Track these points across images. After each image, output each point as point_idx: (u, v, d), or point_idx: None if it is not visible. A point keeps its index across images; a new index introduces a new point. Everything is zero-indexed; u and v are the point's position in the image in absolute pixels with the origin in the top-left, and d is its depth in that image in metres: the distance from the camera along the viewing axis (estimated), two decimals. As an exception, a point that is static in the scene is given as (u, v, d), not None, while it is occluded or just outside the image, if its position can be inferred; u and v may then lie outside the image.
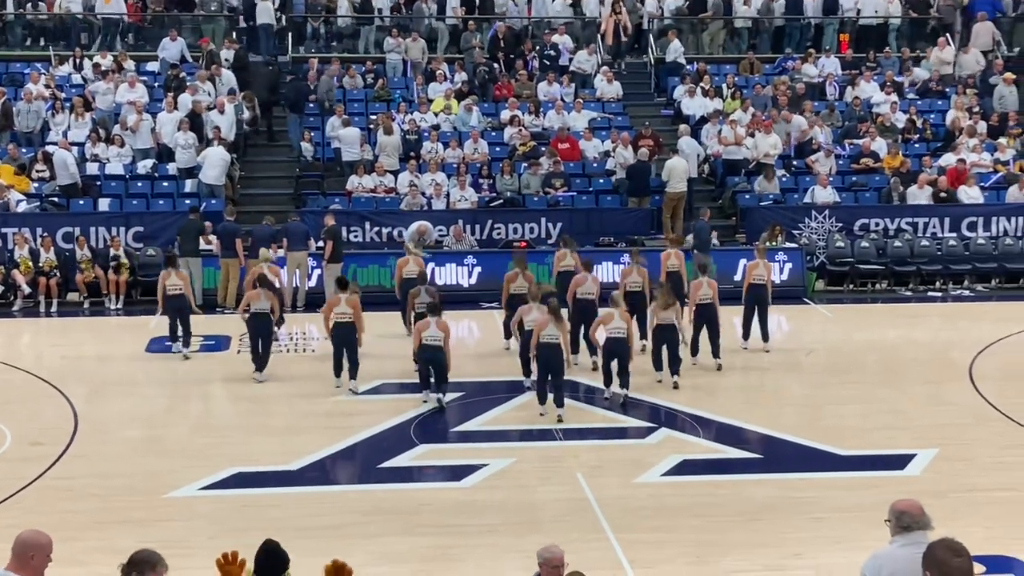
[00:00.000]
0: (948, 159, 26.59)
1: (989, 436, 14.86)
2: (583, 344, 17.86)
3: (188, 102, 26.35)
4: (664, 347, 17.00)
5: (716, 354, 17.99)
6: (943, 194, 25.60)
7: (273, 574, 6.77)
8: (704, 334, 18.12)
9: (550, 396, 15.44)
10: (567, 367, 15.62)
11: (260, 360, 17.41)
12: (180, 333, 18.79)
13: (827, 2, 31.89)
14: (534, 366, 15.80)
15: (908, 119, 28.39)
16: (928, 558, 5.60)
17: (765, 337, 19.20)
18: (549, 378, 15.37)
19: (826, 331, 21.20)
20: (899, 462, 13.77)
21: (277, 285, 19.34)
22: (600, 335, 16.43)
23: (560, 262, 19.86)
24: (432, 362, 15.85)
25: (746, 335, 19.20)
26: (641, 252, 20.28)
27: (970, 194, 25.62)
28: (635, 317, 17.27)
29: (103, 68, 28.07)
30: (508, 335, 18.60)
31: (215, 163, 24.64)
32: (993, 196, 26.03)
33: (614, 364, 16.05)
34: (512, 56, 30.02)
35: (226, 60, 28.52)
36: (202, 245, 22.69)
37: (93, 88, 27.45)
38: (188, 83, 27.24)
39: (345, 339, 16.67)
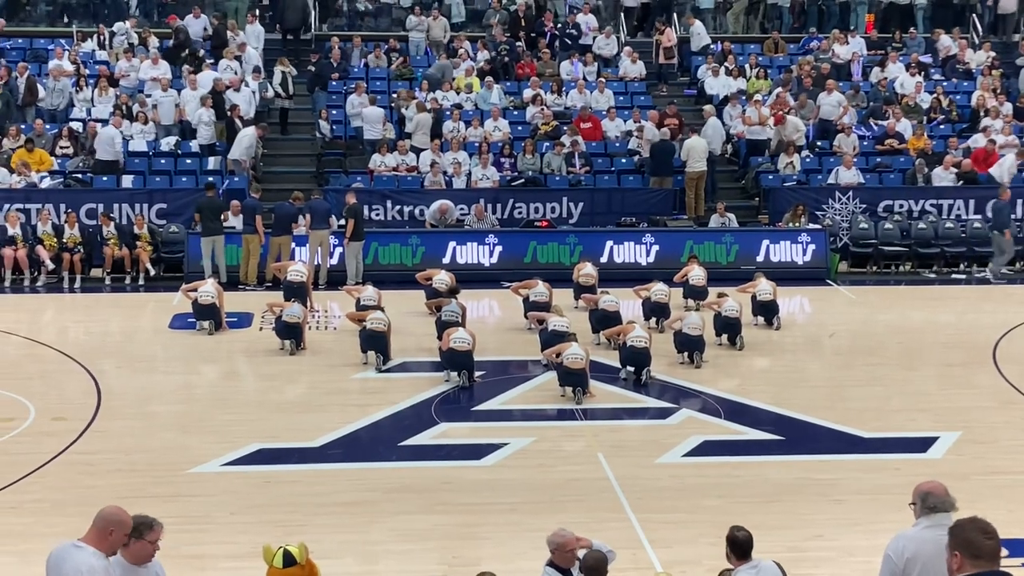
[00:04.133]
0: (976, 140, 26.40)
1: (1012, 419, 14.81)
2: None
3: (210, 79, 26.37)
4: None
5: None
6: (977, 173, 25.47)
7: None
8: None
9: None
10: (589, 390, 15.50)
11: None
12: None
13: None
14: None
15: (934, 99, 28.20)
16: (957, 537, 5.53)
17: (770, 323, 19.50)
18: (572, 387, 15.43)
19: (849, 313, 21.09)
20: (921, 444, 13.74)
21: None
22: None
23: (579, 272, 20.46)
24: (463, 366, 15.89)
25: None
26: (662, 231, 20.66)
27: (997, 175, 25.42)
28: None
29: (130, 41, 28.10)
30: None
31: (239, 141, 24.67)
32: (1018, 179, 25.81)
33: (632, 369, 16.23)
34: (534, 35, 29.92)
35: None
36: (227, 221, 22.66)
37: (116, 67, 27.46)
38: (207, 60, 27.31)
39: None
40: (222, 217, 22.30)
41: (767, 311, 19.26)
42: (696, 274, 20.32)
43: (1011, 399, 15.70)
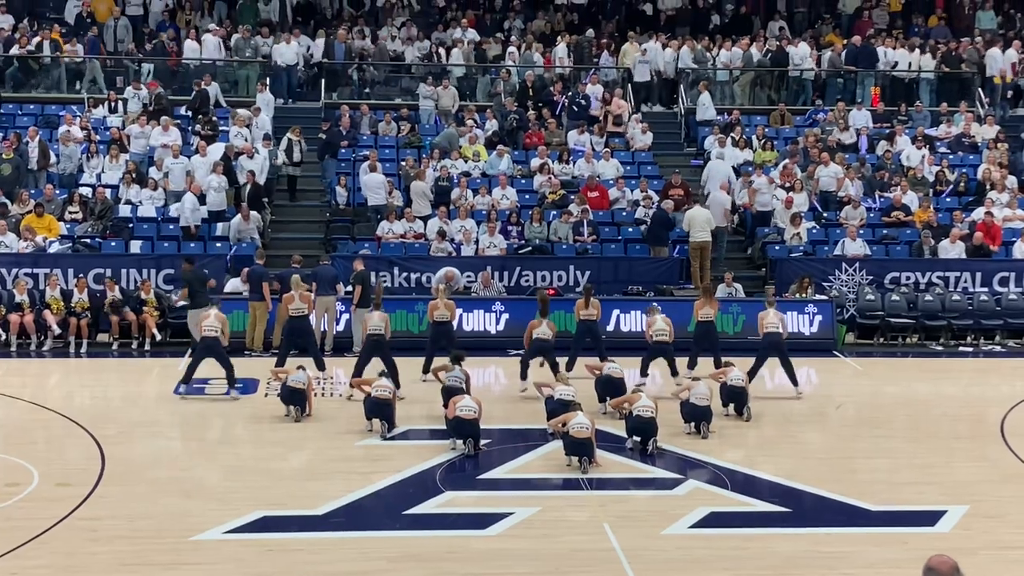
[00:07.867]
0: (979, 213, 26.49)
1: (1021, 493, 14.67)
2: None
3: (221, 146, 26.56)
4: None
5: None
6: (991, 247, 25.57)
7: None
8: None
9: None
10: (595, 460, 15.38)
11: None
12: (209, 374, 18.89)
13: (863, 55, 32.05)
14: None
15: (939, 171, 28.34)
16: None
17: (794, 382, 19.35)
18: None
19: (856, 384, 21.04)
20: (929, 518, 13.62)
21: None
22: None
23: (581, 311, 20.42)
24: (469, 434, 15.84)
25: (750, 377, 18.84)
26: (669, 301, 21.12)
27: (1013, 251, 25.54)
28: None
29: (143, 103, 28.39)
30: (524, 376, 19.43)
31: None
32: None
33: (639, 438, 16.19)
34: (541, 104, 30.15)
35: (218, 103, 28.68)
36: (231, 287, 22.71)
37: (127, 131, 27.70)
38: (221, 127, 27.58)
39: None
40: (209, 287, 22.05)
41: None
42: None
43: (1019, 473, 15.58)
